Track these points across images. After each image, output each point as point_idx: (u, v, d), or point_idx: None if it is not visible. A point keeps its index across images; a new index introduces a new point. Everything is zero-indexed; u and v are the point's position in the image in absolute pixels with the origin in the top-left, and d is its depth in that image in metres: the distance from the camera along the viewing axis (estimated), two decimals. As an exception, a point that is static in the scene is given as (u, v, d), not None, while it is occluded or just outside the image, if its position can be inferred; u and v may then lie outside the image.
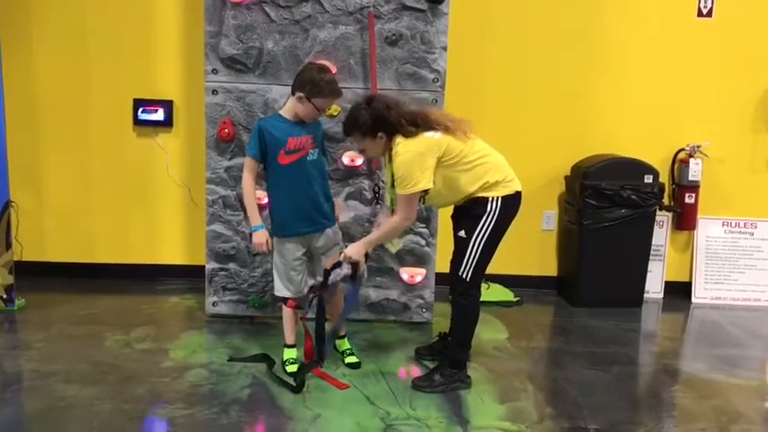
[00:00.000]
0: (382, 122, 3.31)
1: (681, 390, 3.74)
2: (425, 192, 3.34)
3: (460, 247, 3.44)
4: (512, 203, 3.45)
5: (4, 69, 4.31)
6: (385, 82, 4.19)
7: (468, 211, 3.42)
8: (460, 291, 3.49)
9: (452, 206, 3.56)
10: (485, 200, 3.38)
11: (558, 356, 4.15)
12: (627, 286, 4.99)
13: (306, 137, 3.55)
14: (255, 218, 3.57)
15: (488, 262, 3.47)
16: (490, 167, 3.40)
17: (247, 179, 3.55)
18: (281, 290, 3.68)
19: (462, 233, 3.42)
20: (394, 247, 4.02)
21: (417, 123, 3.32)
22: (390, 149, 3.35)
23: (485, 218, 3.38)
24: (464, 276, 3.43)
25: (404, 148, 3.27)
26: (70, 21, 4.85)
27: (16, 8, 4.72)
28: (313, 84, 3.43)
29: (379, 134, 3.32)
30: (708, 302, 5.22)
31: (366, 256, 3.53)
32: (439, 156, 3.30)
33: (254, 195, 3.57)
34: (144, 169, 5.00)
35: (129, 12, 4.84)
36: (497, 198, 3.39)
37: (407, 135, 3.28)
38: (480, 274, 3.46)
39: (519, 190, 3.47)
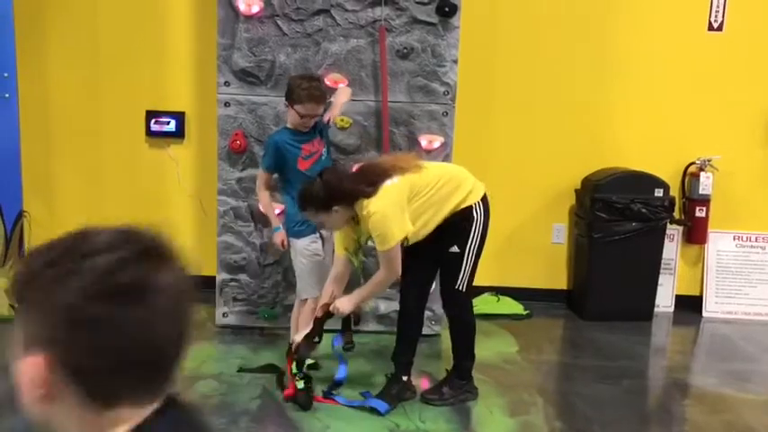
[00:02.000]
0: (336, 195, 3.22)
1: (691, 404, 3.73)
2: (405, 238, 3.30)
3: (453, 262, 3.40)
4: (487, 203, 3.45)
5: (19, 82, 4.36)
6: (396, 95, 4.21)
7: (454, 226, 3.36)
8: (459, 304, 3.50)
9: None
10: (469, 209, 3.37)
11: (568, 370, 4.14)
12: (637, 300, 4.98)
13: (315, 139, 3.73)
14: (274, 221, 3.83)
15: (477, 267, 3.47)
16: (458, 181, 3.38)
17: (260, 190, 3.84)
18: (309, 290, 3.71)
19: (455, 248, 3.38)
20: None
21: (373, 180, 3.25)
22: (356, 215, 3.28)
23: (474, 226, 3.37)
24: (461, 289, 3.42)
25: (375, 206, 3.18)
26: (84, 34, 4.90)
27: (32, 22, 4.77)
28: (291, 90, 3.64)
29: (334, 208, 3.22)
30: (719, 317, 5.19)
31: (353, 321, 3.54)
32: (408, 197, 3.26)
33: (270, 202, 3.85)
34: (156, 180, 5.03)
35: (142, 24, 4.89)
36: (478, 203, 3.39)
37: (370, 195, 3.20)
38: (473, 281, 3.47)
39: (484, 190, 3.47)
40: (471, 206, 3.36)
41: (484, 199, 3.41)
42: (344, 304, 3.39)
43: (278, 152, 3.69)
